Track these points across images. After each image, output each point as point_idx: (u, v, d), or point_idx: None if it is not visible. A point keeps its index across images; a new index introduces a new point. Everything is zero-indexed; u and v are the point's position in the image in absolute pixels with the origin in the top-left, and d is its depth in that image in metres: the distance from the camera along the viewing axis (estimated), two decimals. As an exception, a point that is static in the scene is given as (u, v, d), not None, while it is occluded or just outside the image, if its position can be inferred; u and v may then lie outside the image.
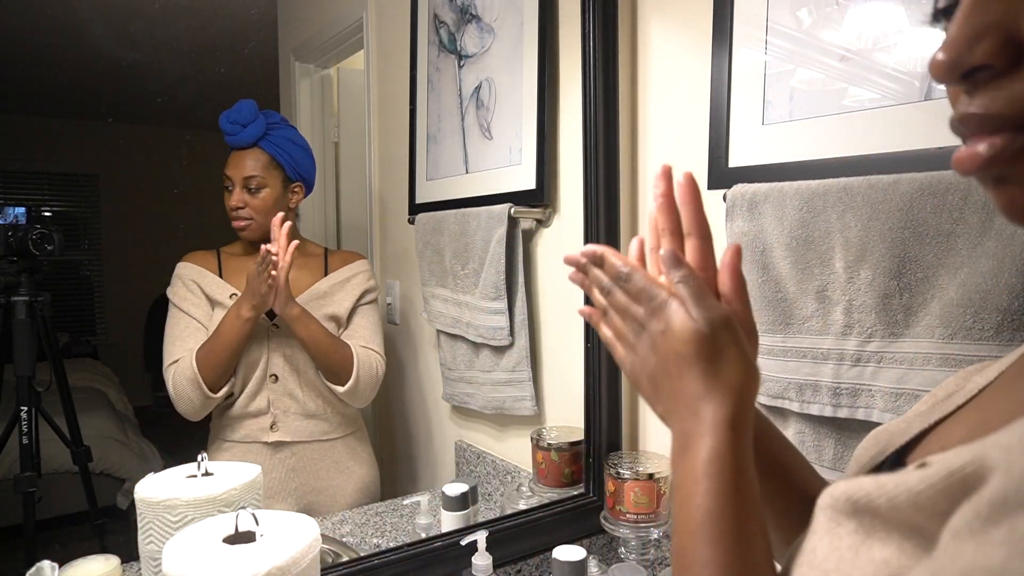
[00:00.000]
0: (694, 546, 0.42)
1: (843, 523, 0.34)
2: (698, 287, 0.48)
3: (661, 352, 0.48)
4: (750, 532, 0.42)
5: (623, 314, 0.53)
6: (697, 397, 0.46)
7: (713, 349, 0.46)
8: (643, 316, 0.50)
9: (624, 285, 0.52)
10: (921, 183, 0.76)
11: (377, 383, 1.33)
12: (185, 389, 1.16)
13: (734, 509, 0.42)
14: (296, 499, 1.26)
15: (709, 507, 0.42)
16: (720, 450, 0.43)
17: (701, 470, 0.43)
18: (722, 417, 0.44)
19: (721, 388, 0.45)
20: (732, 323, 0.47)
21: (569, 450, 1.20)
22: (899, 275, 0.79)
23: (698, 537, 0.42)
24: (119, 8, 1.46)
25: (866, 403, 0.83)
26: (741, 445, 0.44)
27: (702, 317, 0.46)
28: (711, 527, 0.42)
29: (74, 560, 0.77)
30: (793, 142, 0.93)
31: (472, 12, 1.40)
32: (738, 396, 0.45)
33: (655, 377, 0.49)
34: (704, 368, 0.46)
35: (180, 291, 1.23)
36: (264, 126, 1.27)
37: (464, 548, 0.97)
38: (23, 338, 1.08)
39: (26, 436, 1.08)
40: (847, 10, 0.86)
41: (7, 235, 1.10)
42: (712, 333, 0.46)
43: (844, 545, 0.34)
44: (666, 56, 1.15)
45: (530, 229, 1.30)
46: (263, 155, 1.27)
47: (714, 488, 0.43)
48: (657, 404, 0.50)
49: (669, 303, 0.48)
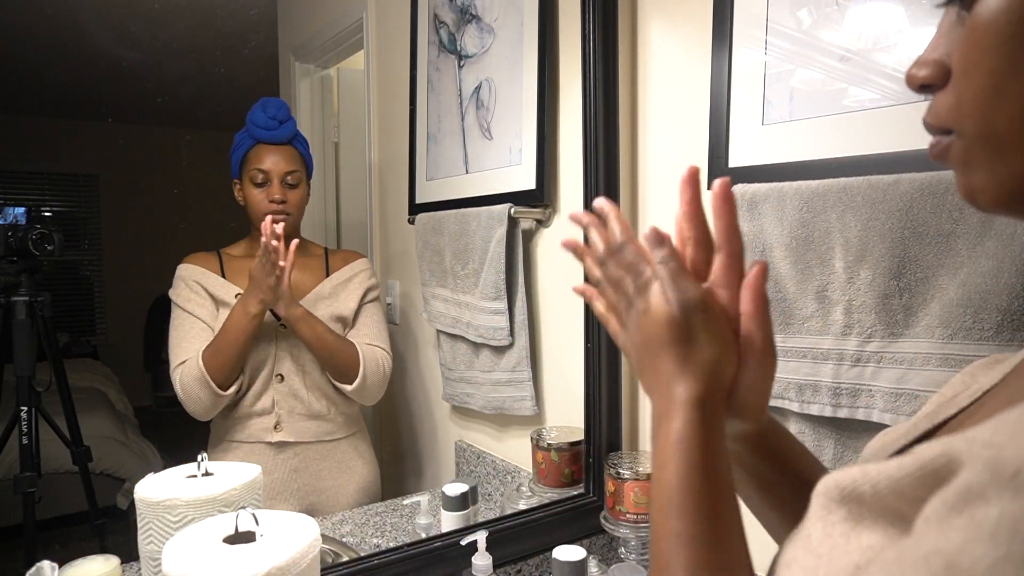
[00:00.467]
0: (665, 520, 0.44)
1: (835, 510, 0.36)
2: (675, 269, 0.49)
3: (643, 331, 0.50)
4: (717, 507, 0.44)
5: (615, 287, 0.54)
6: (670, 377, 0.47)
7: (685, 332, 0.47)
8: (632, 292, 0.52)
9: (616, 257, 0.53)
10: (921, 183, 0.76)
11: (385, 380, 1.33)
12: (194, 389, 1.16)
13: (701, 485, 0.44)
14: (298, 499, 1.26)
15: (677, 483, 0.44)
16: (687, 430, 0.45)
17: (671, 448, 0.45)
18: (690, 397, 0.46)
19: (691, 369, 0.47)
20: (707, 305, 0.48)
21: (569, 450, 1.20)
22: (899, 275, 0.79)
23: (668, 512, 0.44)
24: (119, 8, 1.46)
25: (866, 403, 0.83)
26: (710, 424, 0.46)
27: (676, 300, 0.48)
28: (679, 502, 0.44)
29: (74, 560, 0.77)
30: (793, 142, 0.93)
31: (472, 12, 1.40)
32: (708, 377, 0.47)
33: (639, 354, 0.51)
34: (676, 350, 0.47)
35: (184, 292, 1.22)
36: (296, 124, 1.29)
37: (464, 548, 0.97)
38: (23, 338, 1.08)
39: (26, 436, 1.08)
40: (847, 10, 0.86)
41: (7, 235, 1.10)
42: (684, 317, 0.47)
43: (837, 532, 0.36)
44: (666, 56, 1.15)
45: (530, 229, 1.30)
46: (296, 152, 1.29)
47: (683, 464, 0.44)
48: (642, 379, 0.52)
49: (651, 283, 0.50)
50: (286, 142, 1.28)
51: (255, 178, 1.25)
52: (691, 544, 0.42)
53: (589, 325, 1.18)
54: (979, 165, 0.38)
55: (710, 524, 0.43)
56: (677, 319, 0.47)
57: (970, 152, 0.39)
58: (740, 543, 0.44)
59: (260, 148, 1.26)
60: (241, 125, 1.29)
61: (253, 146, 1.27)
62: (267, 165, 1.25)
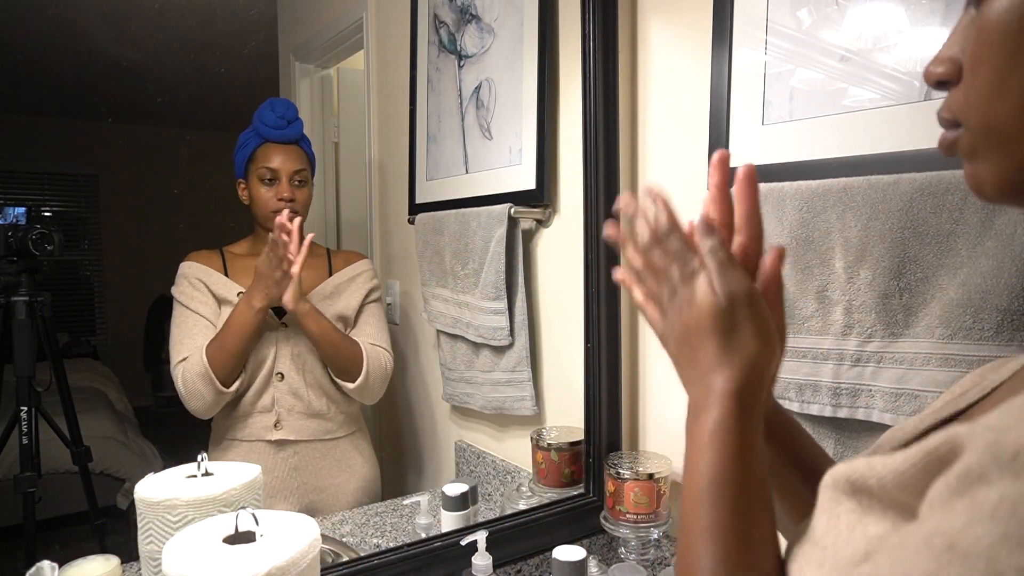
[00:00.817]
0: (697, 511, 0.44)
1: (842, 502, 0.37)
2: (724, 259, 0.49)
3: (684, 321, 0.50)
4: (751, 500, 0.44)
5: (658, 275, 0.53)
6: (709, 368, 0.47)
7: (729, 323, 0.47)
8: (676, 280, 0.51)
9: (663, 244, 0.52)
10: (921, 183, 0.76)
11: (386, 379, 1.34)
12: (196, 385, 1.16)
13: (736, 477, 0.44)
14: (297, 498, 1.26)
15: (712, 474, 0.44)
16: (724, 420, 0.45)
17: (706, 439, 0.45)
18: (729, 388, 0.46)
19: (732, 360, 0.46)
20: (754, 297, 0.48)
21: (569, 450, 1.20)
22: (899, 275, 0.79)
23: (701, 503, 0.44)
24: (119, 8, 1.46)
25: (866, 403, 0.83)
26: (747, 416, 0.45)
27: (723, 291, 0.47)
28: (712, 493, 0.43)
29: (74, 560, 0.77)
30: (793, 142, 0.93)
31: (472, 12, 1.40)
32: (748, 369, 0.46)
33: (679, 344, 0.51)
34: (719, 341, 0.47)
35: (186, 290, 1.23)
36: (303, 125, 1.29)
37: (464, 548, 0.97)
38: (23, 338, 1.08)
39: (26, 436, 1.08)
40: (847, 10, 0.86)
41: (7, 235, 1.10)
42: (730, 308, 0.47)
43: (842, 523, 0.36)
44: (666, 56, 1.15)
45: (530, 229, 1.30)
46: (302, 152, 1.30)
47: (717, 456, 0.44)
48: (679, 369, 0.51)
49: (698, 273, 0.49)
50: (294, 141, 1.29)
51: (263, 176, 1.26)
52: (723, 537, 0.42)
53: (589, 325, 1.18)
54: (984, 156, 0.40)
55: (743, 518, 0.43)
56: (723, 309, 0.47)
57: (975, 143, 0.40)
58: (771, 541, 0.44)
59: (268, 147, 1.27)
60: (241, 125, 1.29)
61: (260, 145, 1.27)
62: (276, 164, 1.26)
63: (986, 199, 0.41)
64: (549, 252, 1.29)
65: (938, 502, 0.29)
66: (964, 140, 0.41)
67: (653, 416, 1.23)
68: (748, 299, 0.48)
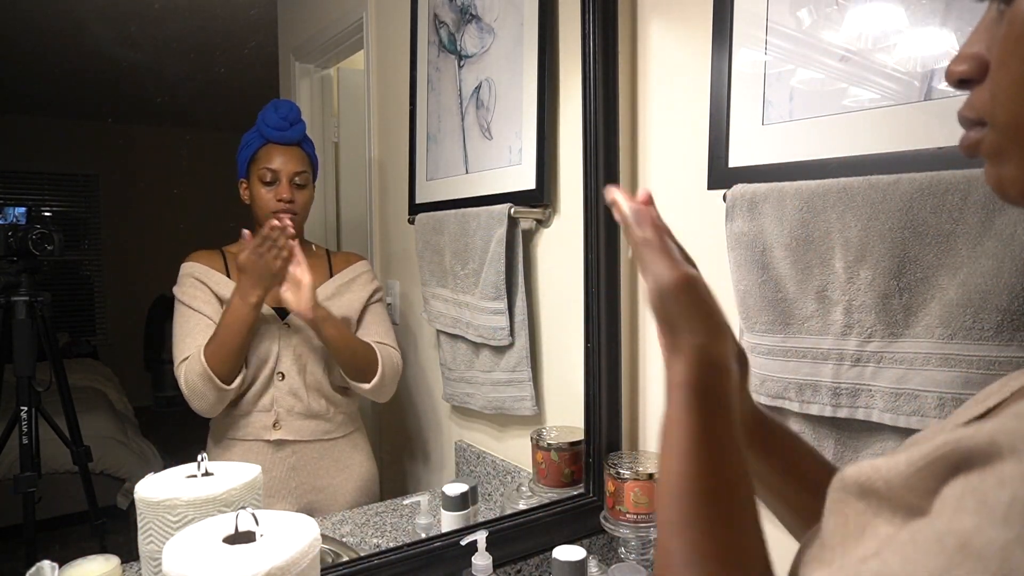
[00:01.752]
0: (663, 509, 0.44)
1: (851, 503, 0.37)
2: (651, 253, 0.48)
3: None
4: (717, 492, 0.43)
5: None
6: (666, 361, 0.48)
7: (665, 315, 0.47)
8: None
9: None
10: (921, 183, 0.76)
11: (398, 377, 1.35)
12: (197, 385, 1.16)
13: (695, 470, 0.43)
14: (296, 498, 1.26)
15: (675, 468, 0.44)
16: (678, 413, 0.45)
17: (665, 432, 0.46)
18: (679, 380, 0.46)
19: (678, 353, 0.46)
20: (687, 285, 0.47)
21: (569, 450, 1.20)
22: (899, 275, 0.79)
23: (666, 499, 0.44)
24: (119, 8, 1.46)
25: (866, 403, 0.83)
26: (704, 409, 0.45)
27: (651, 285, 0.47)
28: (674, 487, 0.43)
29: (74, 560, 0.77)
30: (793, 142, 0.93)
31: (472, 12, 1.40)
32: (695, 359, 0.46)
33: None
34: (664, 332, 0.48)
35: (189, 289, 1.23)
36: (305, 127, 1.30)
37: (464, 548, 0.97)
38: (23, 338, 1.08)
39: (26, 436, 1.08)
40: (847, 10, 0.86)
41: (7, 235, 1.10)
42: (660, 301, 0.47)
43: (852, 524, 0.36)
44: (666, 56, 1.15)
45: (530, 229, 1.30)
46: (304, 154, 1.30)
47: (675, 449, 0.45)
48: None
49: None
50: (296, 143, 1.29)
51: (264, 177, 1.26)
52: (686, 530, 0.42)
53: (589, 325, 1.18)
54: (1009, 156, 0.39)
55: (707, 509, 0.42)
56: (656, 305, 0.47)
57: (1002, 143, 0.39)
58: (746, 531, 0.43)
59: (270, 148, 1.27)
60: (241, 125, 1.29)
61: (263, 145, 1.28)
62: (276, 165, 1.26)
63: (1010, 201, 0.41)
64: (549, 252, 1.29)
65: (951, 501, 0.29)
66: (989, 140, 0.40)
67: (653, 416, 1.23)
68: (677, 289, 0.46)
